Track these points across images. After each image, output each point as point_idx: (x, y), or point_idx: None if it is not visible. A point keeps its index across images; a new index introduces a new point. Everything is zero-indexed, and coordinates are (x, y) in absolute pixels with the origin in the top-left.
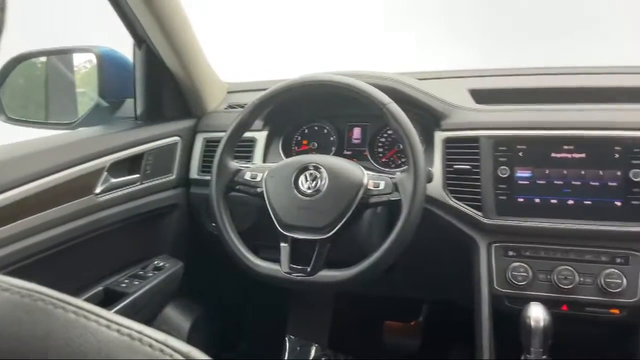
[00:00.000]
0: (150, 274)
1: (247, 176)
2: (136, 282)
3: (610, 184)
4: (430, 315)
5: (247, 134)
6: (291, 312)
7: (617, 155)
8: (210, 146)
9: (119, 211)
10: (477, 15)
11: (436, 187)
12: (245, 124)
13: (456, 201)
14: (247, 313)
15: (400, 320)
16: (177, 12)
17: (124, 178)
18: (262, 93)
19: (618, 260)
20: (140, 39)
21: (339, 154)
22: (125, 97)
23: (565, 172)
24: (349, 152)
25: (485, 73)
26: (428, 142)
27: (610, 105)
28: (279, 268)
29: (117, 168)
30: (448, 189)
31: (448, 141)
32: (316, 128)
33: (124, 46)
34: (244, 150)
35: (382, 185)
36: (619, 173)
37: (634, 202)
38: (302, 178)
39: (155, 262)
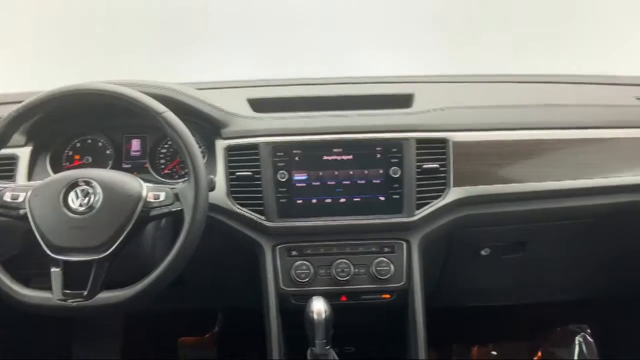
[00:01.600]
0: None
1: (7, 197)
2: None
3: (374, 181)
4: (225, 325)
5: (6, 151)
6: (76, 338)
7: (379, 156)
8: None
9: None
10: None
11: (220, 195)
12: (0, 140)
13: (240, 207)
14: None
15: (195, 333)
16: None
17: None
18: (19, 105)
19: (386, 249)
20: None
21: (116, 167)
22: None
23: (336, 173)
24: (128, 165)
25: (262, 83)
26: (210, 151)
27: (372, 111)
28: (51, 296)
29: None
30: (232, 196)
31: (229, 149)
32: (89, 141)
33: None
34: (2, 170)
35: (162, 197)
36: (381, 171)
37: (394, 197)
38: (72, 195)
39: None
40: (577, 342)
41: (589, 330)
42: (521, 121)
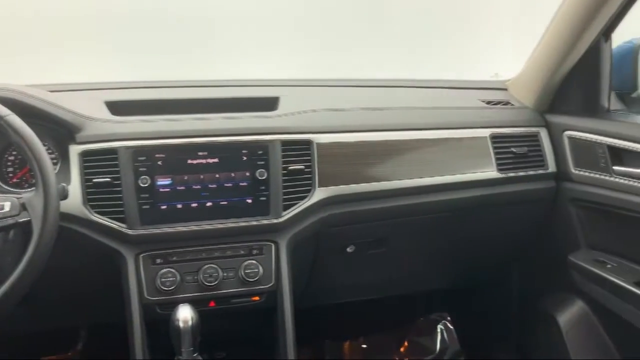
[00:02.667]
0: None
1: None
2: None
3: (241, 184)
4: (89, 342)
5: None
6: None
7: (244, 158)
8: None
9: None
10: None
11: (75, 204)
12: None
13: (99, 216)
14: None
15: (57, 352)
16: None
17: None
18: None
19: (254, 251)
20: None
21: None
22: None
23: (202, 176)
24: None
25: (122, 85)
26: (64, 157)
27: (237, 114)
28: None
29: None
30: (89, 204)
31: (85, 154)
32: None
33: None
34: None
35: (7, 207)
36: (247, 174)
37: (261, 199)
38: None
39: None
40: (439, 329)
41: (449, 318)
42: (381, 123)
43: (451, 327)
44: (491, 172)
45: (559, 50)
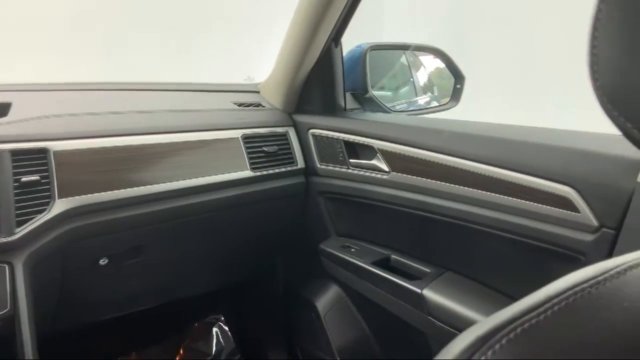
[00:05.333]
0: None
1: None
2: None
3: None
4: None
5: None
6: None
7: None
8: None
9: None
10: None
11: None
12: None
13: None
14: None
15: None
16: None
17: None
18: None
19: None
20: None
21: None
22: None
23: None
24: None
25: None
26: None
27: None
28: None
29: None
30: None
31: None
32: None
33: None
34: None
35: None
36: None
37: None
38: None
39: None
40: (214, 332)
41: (222, 318)
42: (128, 128)
43: (226, 327)
44: (245, 172)
45: (297, 54)
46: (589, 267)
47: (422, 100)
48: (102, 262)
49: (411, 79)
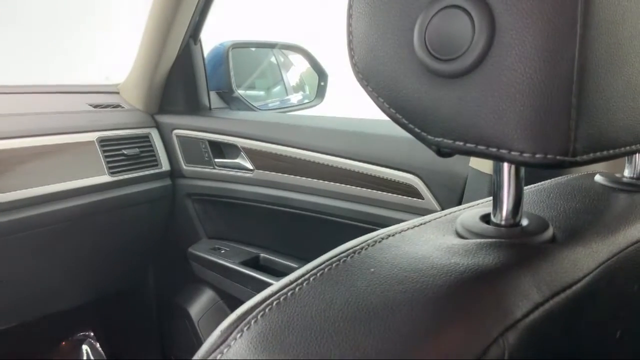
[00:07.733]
0: None
1: None
2: None
3: None
4: None
5: None
6: None
7: None
8: None
9: None
10: None
11: None
12: None
13: None
14: None
15: None
16: None
17: None
18: None
19: None
20: None
21: None
22: None
23: None
24: None
25: None
26: None
27: None
28: None
29: None
30: None
31: None
32: None
33: None
34: None
35: None
36: None
37: None
38: None
39: None
40: (84, 350)
41: (92, 335)
42: None
43: (96, 344)
44: (103, 177)
45: (154, 52)
46: (357, 239)
47: (294, 98)
48: None
49: (281, 78)
